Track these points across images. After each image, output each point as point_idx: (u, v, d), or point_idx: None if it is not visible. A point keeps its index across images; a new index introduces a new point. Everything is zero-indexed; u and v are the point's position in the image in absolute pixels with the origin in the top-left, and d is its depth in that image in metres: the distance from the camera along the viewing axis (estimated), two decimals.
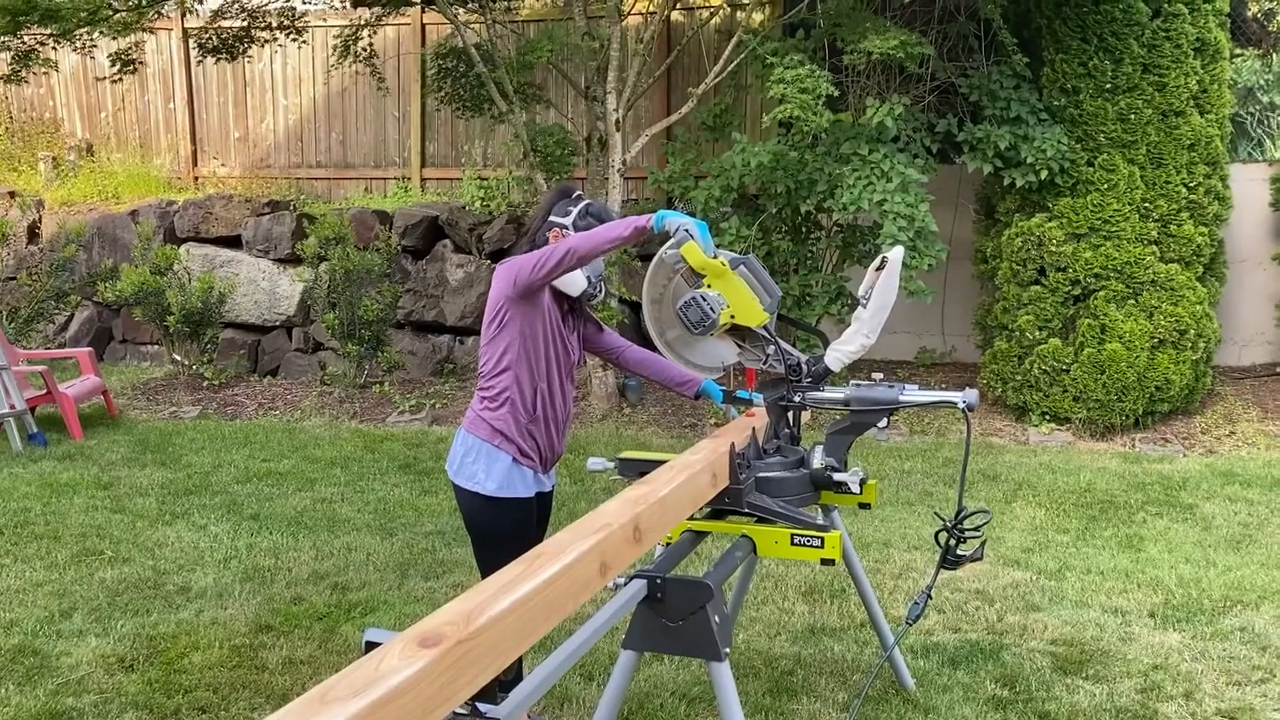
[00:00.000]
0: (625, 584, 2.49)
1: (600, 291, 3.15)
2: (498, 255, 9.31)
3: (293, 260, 9.41)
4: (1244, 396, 8.14)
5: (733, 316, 2.72)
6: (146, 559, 5.01)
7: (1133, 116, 7.46)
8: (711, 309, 2.70)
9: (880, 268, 2.84)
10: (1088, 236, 7.54)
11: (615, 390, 7.96)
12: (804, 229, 7.93)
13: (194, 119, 11.27)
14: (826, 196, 7.26)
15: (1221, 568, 4.92)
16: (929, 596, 2.78)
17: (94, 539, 5.27)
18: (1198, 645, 4.08)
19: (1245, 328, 8.46)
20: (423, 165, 10.70)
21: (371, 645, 1.83)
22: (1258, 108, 9.91)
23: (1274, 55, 10.53)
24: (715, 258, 2.72)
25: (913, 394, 2.85)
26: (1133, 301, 7.49)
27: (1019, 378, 7.81)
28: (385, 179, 10.82)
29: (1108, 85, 7.47)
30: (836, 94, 6.92)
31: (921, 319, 8.95)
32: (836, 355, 2.91)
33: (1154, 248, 7.51)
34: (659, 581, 2.43)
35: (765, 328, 2.84)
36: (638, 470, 3.16)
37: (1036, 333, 7.71)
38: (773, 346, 2.88)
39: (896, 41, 6.53)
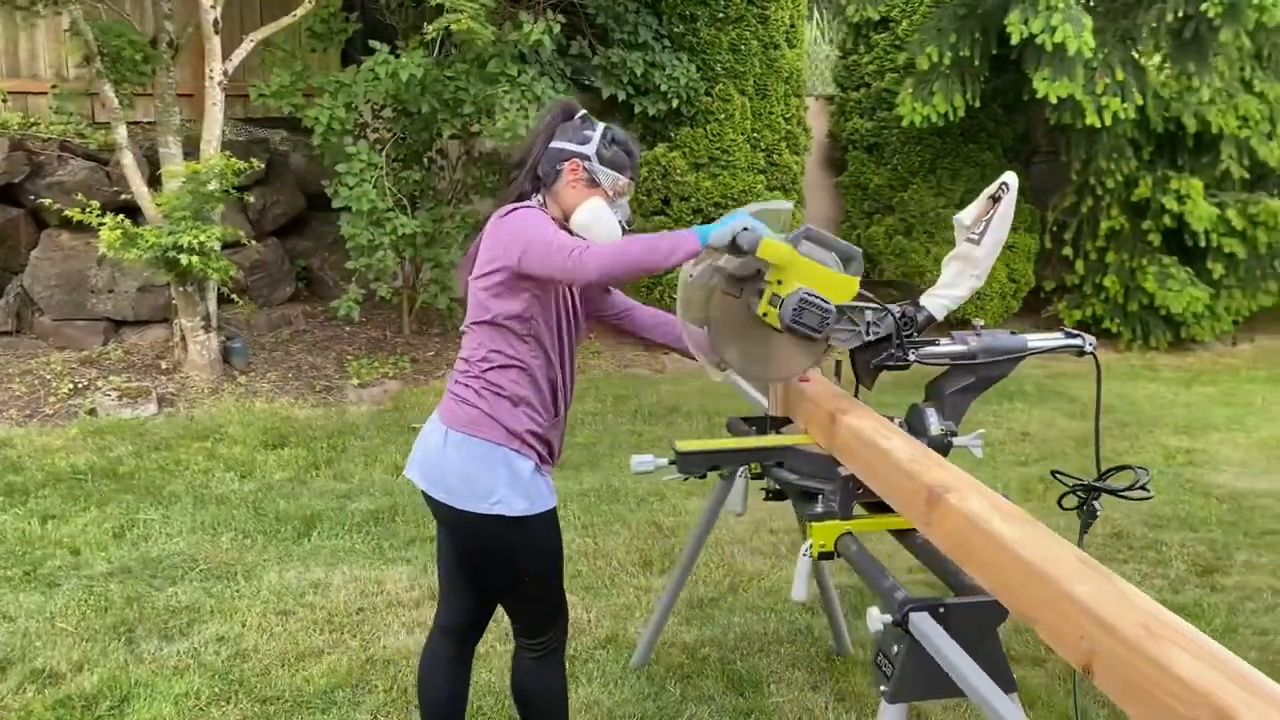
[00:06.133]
0: (896, 621, 1.90)
1: None
2: (4, 193, 7.11)
3: None
4: None
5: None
6: None
7: (742, 47, 7.70)
8: (824, 301, 2.17)
9: (996, 196, 2.41)
10: (707, 166, 7.69)
11: (219, 355, 6.53)
12: (429, 159, 7.09)
13: None
14: (474, 120, 6.52)
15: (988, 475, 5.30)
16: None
17: None
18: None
19: None
20: None
21: None
22: None
23: None
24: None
25: (1037, 340, 2.52)
26: None
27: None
28: None
29: (720, 14, 7.61)
30: (494, 6, 6.18)
31: None
32: (941, 301, 2.46)
33: (762, 176, 7.89)
34: (942, 610, 1.89)
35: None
36: (708, 465, 2.50)
37: None
38: (869, 310, 2.37)
39: None
